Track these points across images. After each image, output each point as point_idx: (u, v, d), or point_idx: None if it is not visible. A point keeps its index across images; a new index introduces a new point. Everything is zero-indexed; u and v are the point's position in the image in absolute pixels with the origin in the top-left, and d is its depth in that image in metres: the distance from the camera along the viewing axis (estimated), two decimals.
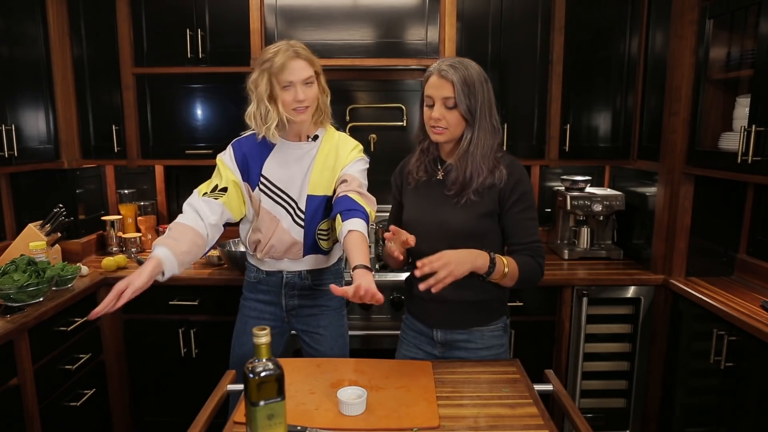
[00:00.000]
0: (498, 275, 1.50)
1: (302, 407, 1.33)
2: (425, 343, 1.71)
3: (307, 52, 1.75)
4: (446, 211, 1.59)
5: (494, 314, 1.67)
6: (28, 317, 1.96)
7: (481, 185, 1.55)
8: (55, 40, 2.54)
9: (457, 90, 1.50)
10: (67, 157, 2.65)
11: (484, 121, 1.54)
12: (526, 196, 1.59)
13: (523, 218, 1.58)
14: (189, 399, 2.43)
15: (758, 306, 2.06)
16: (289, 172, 1.83)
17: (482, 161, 1.55)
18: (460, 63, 1.54)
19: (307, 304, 1.94)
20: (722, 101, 2.25)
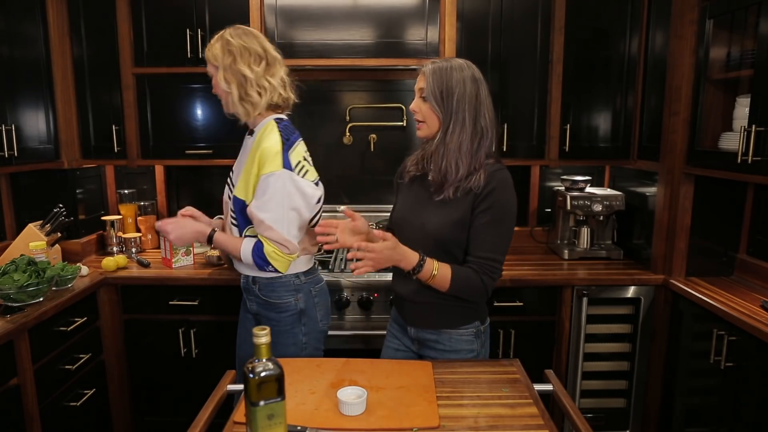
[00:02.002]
0: (425, 278, 1.52)
1: (302, 407, 1.33)
2: (405, 337, 1.74)
3: (208, 52, 1.77)
4: (425, 214, 1.58)
5: (465, 318, 1.65)
6: (28, 317, 1.96)
7: (459, 184, 1.53)
8: (55, 40, 2.54)
9: (428, 81, 1.53)
10: (67, 157, 2.65)
11: (460, 117, 1.52)
12: (497, 209, 1.53)
13: (483, 231, 1.54)
14: (189, 399, 2.44)
15: (758, 306, 2.06)
16: (237, 168, 1.88)
17: (458, 157, 1.52)
18: (447, 61, 1.56)
19: (262, 313, 1.91)
20: (722, 101, 2.25)
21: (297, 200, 1.74)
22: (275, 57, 1.81)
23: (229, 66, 1.74)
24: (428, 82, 1.53)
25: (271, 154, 1.71)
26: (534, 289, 2.53)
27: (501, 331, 2.52)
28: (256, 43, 1.77)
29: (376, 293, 2.47)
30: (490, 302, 2.51)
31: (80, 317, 2.29)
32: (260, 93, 1.76)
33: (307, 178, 1.79)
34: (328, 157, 3.08)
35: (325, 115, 3.07)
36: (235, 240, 1.82)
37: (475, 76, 1.55)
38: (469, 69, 1.56)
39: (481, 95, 1.55)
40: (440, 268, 1.52)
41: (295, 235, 1.77)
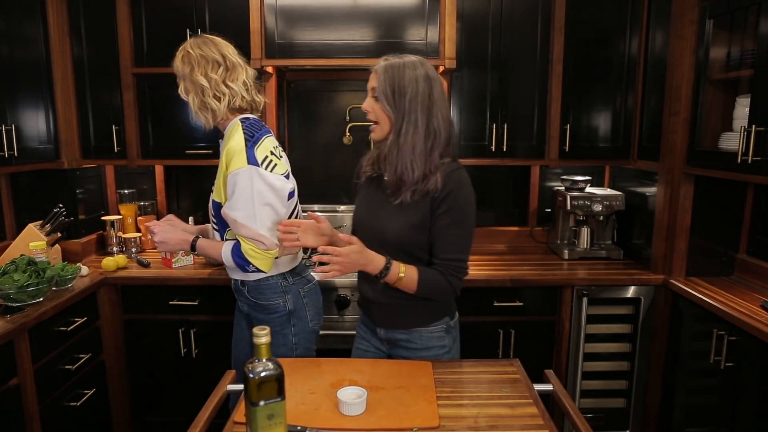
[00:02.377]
0: (392, 281, 1.51)
1: (302, 407, 1.33)
2: (374, 339, 1.73)
3: (172, 62, 1.83)
4: (384, 218, 1.56)
5: (434, 315, 1.64)
6: (28, 317, 1.96)
7: (416, 187, 1.50)
8: (55, 40, 2.54)
9: (380, 82, 1.49)
10: (67, 157, 2.65)
11: (413, 118, 1.48)
12: (456, 210, 1.51)
13: (446, 233, 1.52)
14: (189, 399, 2.43)
15: (758, 306, 2.06)
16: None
17: (412, 159, 1.49)
18: (400, 57, 1.52)
19: (252, 314, 1.93)
20: (722, 101, 2.25)
21: (268, 195, 1.74)
22: (235, 62, 1.83)
23: (188, 76, 1.80)
24: (380, 80, 1.50)
25: (236, 152, 1.72)
26: (534, 289, 2.53)
27: (501, 331, 2.52)
28: (215, 50, 1.80)
29: None
30: (490, 302, 2.51)
31: (80, 317, 2.29)
32: (219, 98, 1.79)
33: (275, 172, 1.77)
34: (328, 157, 3.08)
35: (325, 115, 3.07)
36: (216, 244, 1.84)
37: (429, 75, 1.51)
38: (423, 67, 1.51)
39: (434, 94, 1.51)
40: (407, 271, 1.51)
41: (270, 230, 1.76)
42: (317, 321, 1.99)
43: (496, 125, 2.69)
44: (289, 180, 1.85)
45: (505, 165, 2.81)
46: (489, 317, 2.53)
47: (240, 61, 1.85)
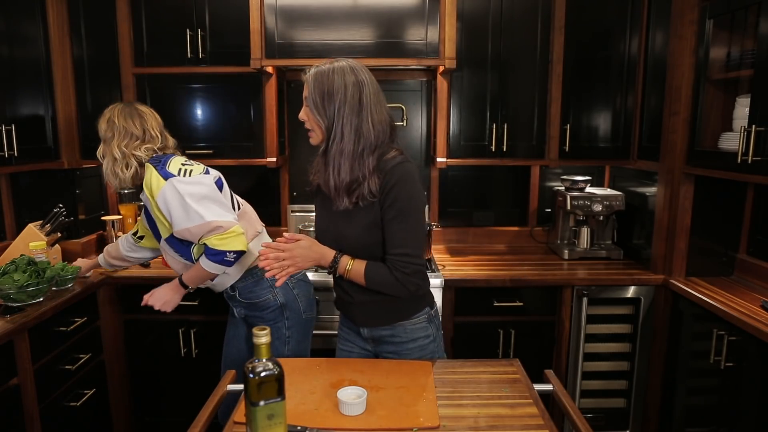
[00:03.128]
0: (341, 273, 1.55)
1: (302, 407, 1.33)
2: (358, 339, 1.72)
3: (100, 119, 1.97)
4: (339, 223, 1.57)
5: (414, 307, 1.64)
6: (28, 317, 1.96)
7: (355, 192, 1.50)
8: (55, 40, 2.54)
9: (310, 91, 1.50)
10: (67, 157, 2.65)
11: (341, 125, 1.48)
12: (398, 205, 1.49)
13: (390, 227, 1.51)
14: (189, 399, 2.43)
15: (758, 306, 2.06)
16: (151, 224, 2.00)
17: (340, 164, 1.49)
18: (330, 65, 1.50)
19: (250, 314, 2.07)
20: (722, 101, 2.25)
21: (198, 192, 1.81)
22: (155, 136, 1.96)
23: (108, 141, 1.94)
24: (310, 89, 1.50)
25: (151, 179, 1.84)
26: (534, 289, 2.53)
27: (501, 331, 2.52)
28: (138, 125, 1.94)
29: None
30: (490, 302, 2.51)
31: (80, 317, 2.29)
32: (128, 167, 1.91)
33: (193, 174, 1.86)
34: None
35: None
36: (195, 267, 1.91)
37: (358, 78, 1.49)
38: (352, 72, 1.49)
39: (363, 99, 1.49)
40: (354, 264, 1.53)
41: (219, 214, 1.81)
42: (310, 312, 2.08)
43: (496, 125, 2.69)
44: (211, 173, 1.92)
45: (505, 165, 2.81)
46: (489, 317, 2.53)
47: (159, 135, 1.98)
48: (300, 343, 2.06)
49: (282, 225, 3.12)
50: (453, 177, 3.08)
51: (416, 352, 1.65)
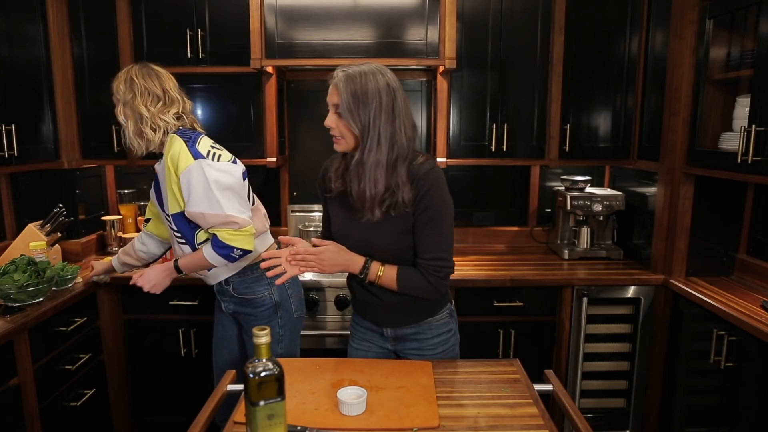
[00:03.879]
0: (372, 279, 1.54)
1: (302, 407, 1.33)
2: (377, 338, 1.72)
3: (113, 84, 1.88)
4: (367, 231, 1.54)
5: (438, 304, 1.67)
6: (28, 317, 1.96)
7: (385, 202, 1.48)
8: (55, 40, 2.54)
9: (342, 99, 1.44)
10: (67, 157, 2.65)
11: (376, 134, 1.44)
12: (432, 210, 1.49)
13: (423, 233, 1.51)
14: (189, 399, 2.44)
15: (758, 306, 2.06)
16: (158, 194, 1.95)
17: (376, 175, 1.45)
18: (359, 69, 1.46)
19: (240, 311, 2.03)
20: (722, 101, 2.25)
21: (224, 181, 1.80)
22: (174, 98, 1.92)
23: (129, 102, 1.87)
24: (342, 96, 1.44)
25: (179, 154, 1.79)
26: (534, 289, 2.53)
27: (501, 331, 2.52)
28: (157, 84, 1.89)
29: None
30: (490, 302, 2.51)
31: (80, 317, 2.29)
32: (155, 130, 1.87)
33: (222, 160, 1.84)
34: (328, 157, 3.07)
35: (325, 115, 3.05)
36: (196, 253, 1.88)
37: (390, 85, 1.46)
38: (384, 77, 1.46)
39: (397, 106, 1.46)
40: (385, 270, 1.53)
41: (239, 210, 1.81)
42: (301, 311, 2.09)
43: (496, 125, 2.69)
44: (238, 164, 1.91)
45: (505, 165, 2.81)
46: (489, 317, 2.53)
47: (178, 97, 1.93)
48: (292, 342, 2.06)
49: (282, 225, 3.12)
50: (453, 177, 3.08)
51: (440, 347, 1.67)
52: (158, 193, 1.96)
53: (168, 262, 1.95)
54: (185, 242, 1.91)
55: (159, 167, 1.92)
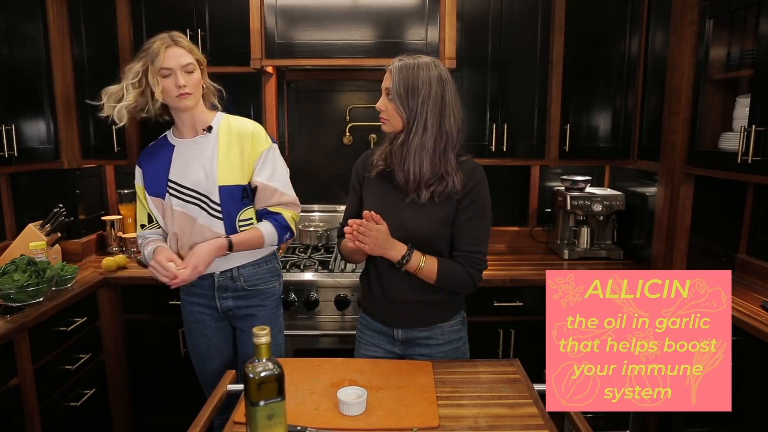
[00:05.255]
0: (411, 269, 1.53)
1: (302, 407, 1.33)
2: (385, 342, 1.71)
3: (186, 41, 1.81)
4: (405, 213, 1.56)
5: (453, 310, 1.68)
6: (28, 317, 1.96)
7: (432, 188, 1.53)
8: (55, 40, 2.54)
9: (394, 82, 1.51)
10: (67, 157, 2.65)
11: (423, 119, 1.50)
12: (478, 204, 1.57)
13: (468, 226, 1.57)
14: (189, 399, 2.43)
15: (758, 306, 2.06)
16: (193, 169, 1.86)
17: (421, 160, 1.51)
18: (414, 60, 1.53)
19: (242, 305, 1.96)
20: (722, 101, 2.25)
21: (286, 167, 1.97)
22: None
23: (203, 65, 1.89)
24: (394, 81, 1.52)
25: (260, 132, 1.90)
26: (534, 289, 2.53)
27: (501, 331, 2.52)
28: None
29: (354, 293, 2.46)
30: (490, 302, 2.51)
31: (80, 317, 2.29)
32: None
33: None
34: (328, 157, 3.08)
35: (325, 115, 3.07)
36: (252, 230, 1.88)
37: (442, 76, 1.53)
38: (436, 68, 1.53)
39: (447, 96, 1.53)
40: (426, 260, 1.54)
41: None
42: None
43: (496, 125, 2.69)
44: None
45: (505, 165, 2.81)
46: (489, 317, 2.53)
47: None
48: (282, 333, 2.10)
49: None
50: None
51: (450, 354, 1.67)
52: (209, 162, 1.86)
53: (219, 239, 1.82)
54: (221, 218, 1.85)
55: (209, 137, 1.88)
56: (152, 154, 1.95)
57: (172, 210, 1.87)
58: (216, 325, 1.99)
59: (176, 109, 1.84)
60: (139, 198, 1.97)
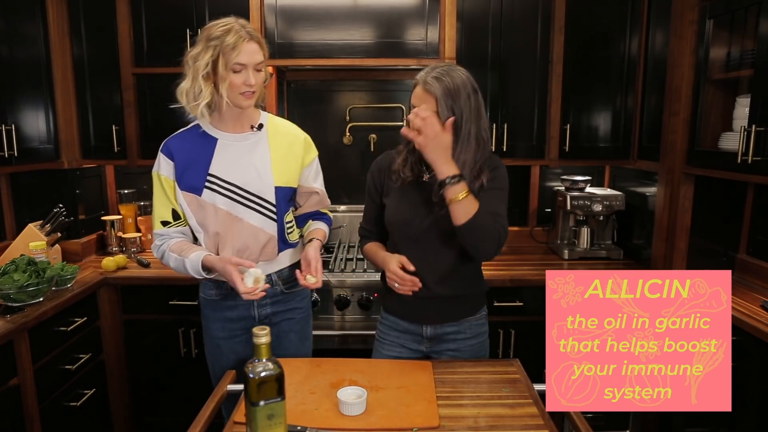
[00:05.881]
0: (453, 194, 1.45)
1: (302, 407, 1.33)
2: (411, 341, 1.71)
3: (258, 35, 1.67)
4: (437, 212, 1.56)
5: (479, 304, 1.74)
6: (28, 317, 1.96)
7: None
8: (55, 40, 2.54)
9: (440, 104, 1.47)
10: (67, 157, 2.65)
11: (468, 134, 1.51)
12: (498, 181, 1.59)
13: (489, 195, 1.55)
14: (189, 399, 2.42)
15: (758, 306, 2.06)
16: (243, 165, 1.72)
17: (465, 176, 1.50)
18: (447, 74, 1.50)
19: (279, 310, 1.85)
20: (722, 101, 2.25)
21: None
22: None
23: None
24: (440, 106, 1.47)
25: (310, 139, 1.89)
26: (534, 289, 2.52)
27: (501, 331, 2.52)
28: None
29: (376, 293, 2.47)
30: (491, 302, 2.51)
31: (80, 317, 2.28)
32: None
33: None
34: (328, 157, 3.08)
35: (325, 115, 3.07)
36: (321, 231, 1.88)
37: (474, 87, 1.53)
38: (469, 80, 1.53)
39: (481, 108, 1.54)
40: (470, 195, 1.47)
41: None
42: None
43: (496, 125, 2.69)
44: None
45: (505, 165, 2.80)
46: (489, 317, 2.51)
47: None
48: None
49: None
50: None
51: (476, 348, 1.71)
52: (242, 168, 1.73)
53: (314, 241, 1.78)
54: (276, 219, 1.76)
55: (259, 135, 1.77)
56: (186, 144, 1.74)
57: (216, 208, 1.70)
58: (246, 336, 1.83)
59: (235, 105, 1.67)
60: (162, 192, 1.74)
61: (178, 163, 1.71)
